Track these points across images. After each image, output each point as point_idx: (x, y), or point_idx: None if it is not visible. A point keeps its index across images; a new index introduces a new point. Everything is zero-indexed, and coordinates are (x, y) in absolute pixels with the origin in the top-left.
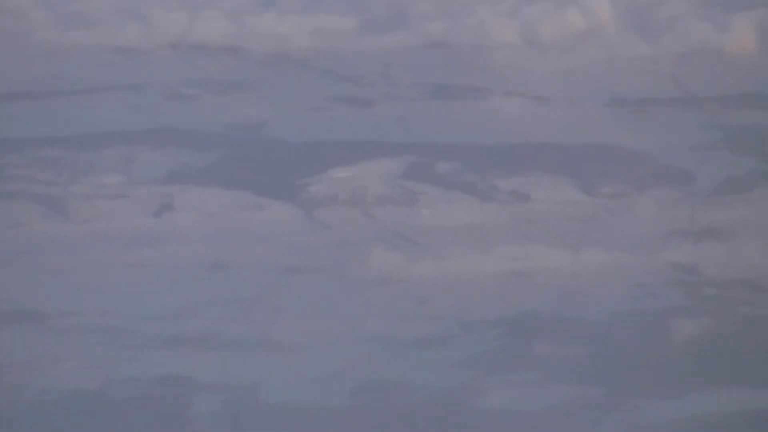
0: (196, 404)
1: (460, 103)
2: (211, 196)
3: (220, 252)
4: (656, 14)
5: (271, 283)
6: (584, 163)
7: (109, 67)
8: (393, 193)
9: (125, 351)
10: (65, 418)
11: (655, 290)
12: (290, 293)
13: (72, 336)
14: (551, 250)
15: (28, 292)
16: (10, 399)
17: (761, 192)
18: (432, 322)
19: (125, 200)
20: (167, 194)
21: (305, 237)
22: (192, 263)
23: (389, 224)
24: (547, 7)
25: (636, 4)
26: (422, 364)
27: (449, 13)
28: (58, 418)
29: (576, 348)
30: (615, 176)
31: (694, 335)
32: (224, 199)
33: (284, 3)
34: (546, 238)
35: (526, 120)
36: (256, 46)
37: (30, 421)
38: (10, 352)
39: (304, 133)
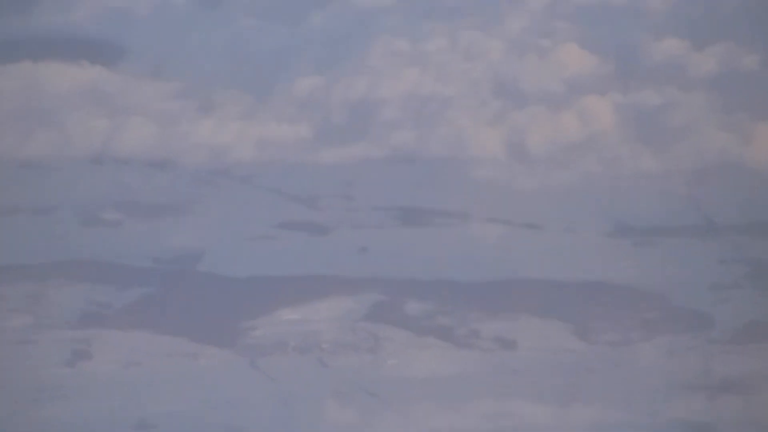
0: None
1: (433, 230)
2: (134, 342)
3: (145, 409)
4: (667, 122)
5: None
6: (581, 303)
7: (12, 185)
8: (352, 338)
9: None
10: None
11: None
12: None
13: None
14: (537, 406)
15: None
16: None
17: None
18: None
19: (32, 346)
20: (82, 339)
21: (247, 391)
22: (111, 423)
23: (347, 376)
24: (538, 112)
25: (643, 109)
26: None
27: (420, 119)
28: None
29: None
30: (617, 320)
31: None
32: (151, 345)
33: (225, 108)
34: (532, 392)
35: (512, 251)
36: (191, 160)
37: None
38: None
39: (247, 267)
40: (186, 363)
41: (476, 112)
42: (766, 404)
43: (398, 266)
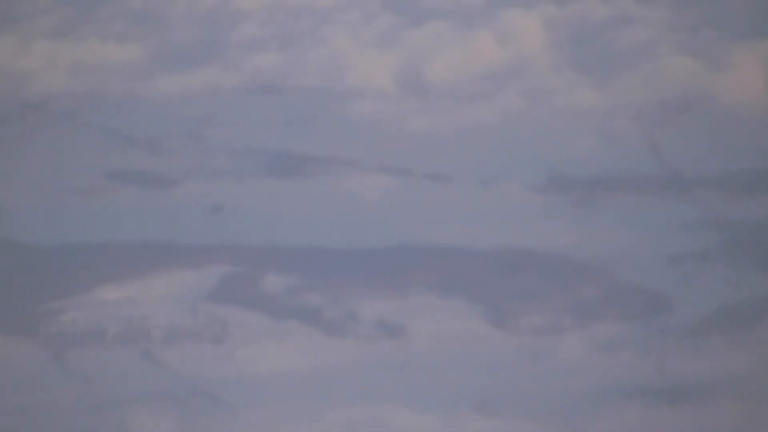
0: None
1: (305, 181)
2: None
3: None
4: (614, 43)
5: None
6: (496, 278)
7: None
8: (192, 323)
9: None
10: None
11: None
12: None
13: None
14: (422, 415)
15: None
16: None
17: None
18: None
19: None
20: None
21: (47, 393)
22: None
23: (180, 372)
24: (442, 30)
25: (583, 26)
26: None
27: (287, 38)
28: None
29: None
30: (543, 301)
31: None
32: None
33: (31, 22)
34: (420, 396)
35: (406, 210)
36: None
37: None
38: None
39: (59, 231)
40: None
41: (360, 30)
42: (734, 415)
43: (258, 229)
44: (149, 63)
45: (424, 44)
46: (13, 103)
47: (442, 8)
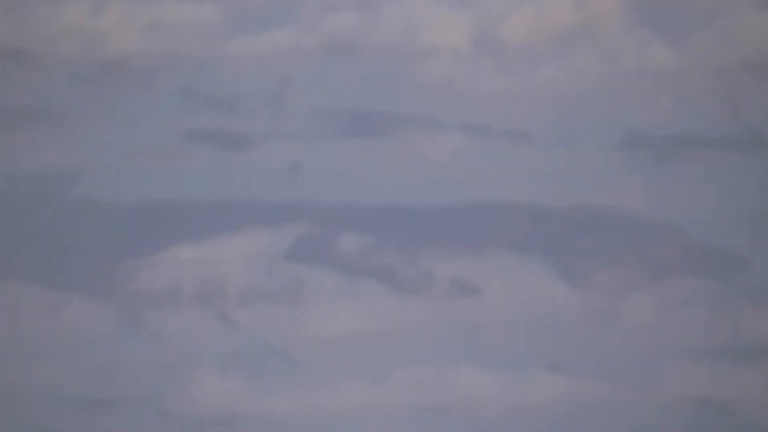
0: None
1: (381, 141)
2: None
3: None
4: (685, 2)
5: None
6: (570, 236)
7: None
8: (268, 282)
9: None
10: None
11: None
12: None
13: None
14: (489, 373)
15: None
16: None
17: None
18: None
19: None
20: None
21: (122, 353)
22: None
23: (254, 333)
24: None
25: None
26: None
27: (361, 2)
28: None
29: None
30: (617, 259)
31: None
32: None
33: None
34: (490, 354)
35: (484, 169)
36: (59, 51)
37: None
38: None
39: (137, 189)
40: (42, 317)
41: None
42: None
43: (335, 189)
44: (225, 24)
45: (498, 3)
46: (90, 63)
47: None
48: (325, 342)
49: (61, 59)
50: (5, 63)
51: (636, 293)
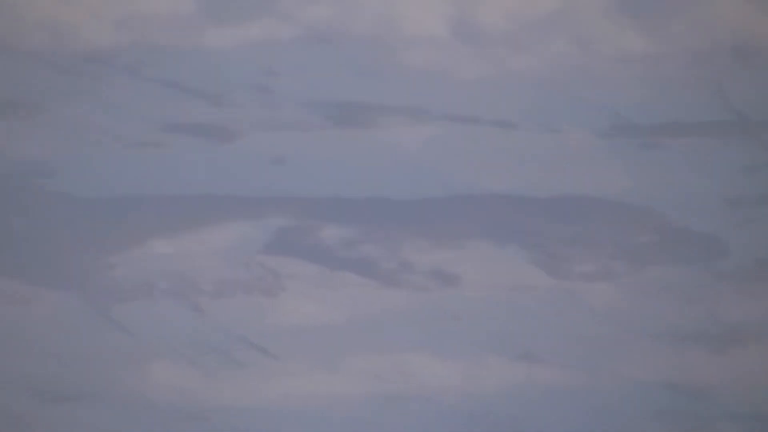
0: None
1: (362, 131)
2: None
3: None
4: None
5: None
6: (552, 225)
7: None
8: (245, 276)
9: None
10: None
11: (638, 427)
12: None
13: None
14: (449, 362)
15: None
16: None
17: None
18: None
19: None
20: None
21: (92, 348)
22: None
23: (228, 326)
24: None
25: None
26: None
27: None
28: None
29: None
30: (598, 247)
31: None
32: None
33: None
34: (462, 343)
35: (465, 158)
36: (38, 42)
37: None
38: None
39: (114, 183)
40: (14, 311)
41: None
42: None
43: (317, 181)
44: (200, 16)
45: None
46: (66, 55)
47: None
48: (301, 334)
49: (35, 52)
50: None
51: (615, 280)
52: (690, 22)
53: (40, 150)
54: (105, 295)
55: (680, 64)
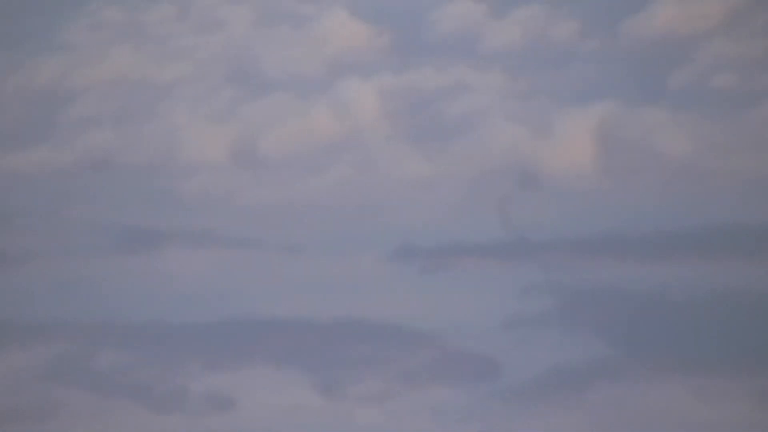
0: None
1: (141, 257)
2: None
3: None
4: (447, 110)
5: None
6: (332, 349)
7: None
8: (20, 403)
9: None
10: None
11: None
12: None
13: None
14: None
15: None
16: None
17: (600, 388)
18: None
19: None
20: None
21: None
22: None
23: None
24: (280, 102)
25: (418, 95)
26: None
27: (122, 117)
28: None
29: None
30: (376, 369)
31: None
32: None
33: None
34: None
35: (249, 282)
36: None
37: None
38: None
39: None
40: None
41: (200, 104)
42: None
43: (96, 306)
44: None
45: (262, 117)
46: None
47: (284, 79)
48: None
49: None
50: None
51: (389, 401)
52: (471, 145)
53: None
54: None
55: (462, 186)
